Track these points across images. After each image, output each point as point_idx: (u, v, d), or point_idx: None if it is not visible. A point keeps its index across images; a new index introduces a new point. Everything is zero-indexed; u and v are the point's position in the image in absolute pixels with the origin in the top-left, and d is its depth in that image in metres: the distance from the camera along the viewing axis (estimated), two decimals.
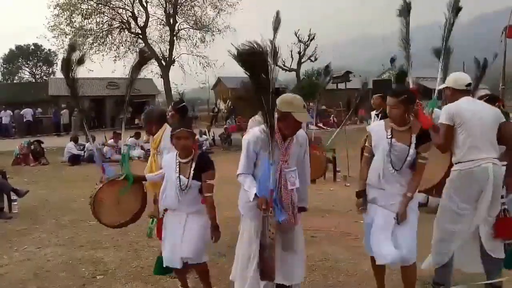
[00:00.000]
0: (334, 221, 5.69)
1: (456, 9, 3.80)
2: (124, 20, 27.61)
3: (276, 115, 2.93)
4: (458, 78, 3.64)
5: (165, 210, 3.54)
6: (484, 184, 3.30)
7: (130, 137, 14.74)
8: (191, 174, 3.35)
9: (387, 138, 3.20)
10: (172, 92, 29.37)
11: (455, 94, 3.58)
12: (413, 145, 3.14)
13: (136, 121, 22.91)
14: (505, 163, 3.48)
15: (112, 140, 14.61)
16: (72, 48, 4.11)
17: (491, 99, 3.86)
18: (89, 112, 27.22)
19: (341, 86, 28.36)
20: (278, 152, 2.99)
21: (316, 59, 36.08)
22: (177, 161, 3.40)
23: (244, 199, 3.15)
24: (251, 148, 3.03)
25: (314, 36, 35.67)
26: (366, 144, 3.43)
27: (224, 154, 14.77)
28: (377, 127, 3.37)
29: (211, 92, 42.71)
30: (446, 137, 3.45)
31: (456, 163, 3.44)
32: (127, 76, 4.18)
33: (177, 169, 3.37)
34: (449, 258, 3.53)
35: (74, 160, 13.20)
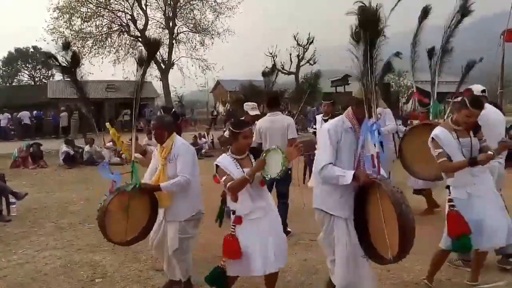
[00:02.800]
0: None
1: (461, 12, 3.83)
2: (123, 23, 27.69)
3: (352, 103, 3.21)
4: (473, 87, 4.02)
5: (236, 222, 3.26)
6: None
7: (129, 139, 14.69)
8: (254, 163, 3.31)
9: (454, 139, 3.52)
10: (171, 95, 29.43)
11: None
12: (472, 136, 3.56)
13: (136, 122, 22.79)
14: None
15: (111, 143, 14.57)
16: (65, 47, 4.10)
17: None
18: (89, 114, 27.20)
19: (340, 89, 28.40)
20: (355, 137, 3.20)
21: (315, 63, 36.16)
22: (234, 160, 3.32)
23: (333, 197, 3.22)
24: (333, 137, 3.19)
25: (313, 40, 35.78)
26: (437, 151, 3.53)
27: None
28: (442, 134, 3.55)
29: (210, 95, 42.76)
30: None
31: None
32: (136, 73, 4.06)
33: (238, 165, 3.29)
34: None
35: (70, 160, 13.16)
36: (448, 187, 3.60)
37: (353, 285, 3.23)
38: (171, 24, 28.09)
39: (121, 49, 28.09)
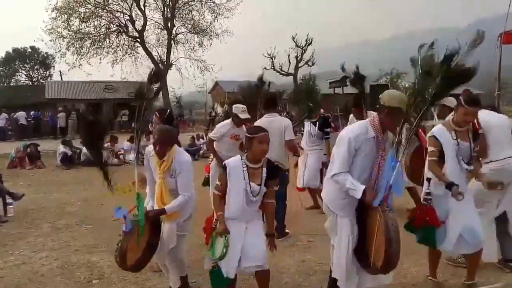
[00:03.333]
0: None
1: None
2: (121, 24, 27.71)
3: (381, 110, 3.11)
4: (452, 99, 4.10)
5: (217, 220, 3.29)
6: None
7: (126, 141, 14.69)
8: (263, 181, 3.27)
9: (453, 139, 3.56)
10: (170, 95, 29.41)
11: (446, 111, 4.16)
12: (471, 142, 3.61)
13: (133, 124, 22.81)
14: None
15: (108, 143, 14.56)
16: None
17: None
18: (87, 115, 27.13)
19: (338, 90, 28.44)
20: (376, 146, 3.14)
21: (313, 64, 36.19)
22: (245, 167, 3.24)
23: (339, 197, 3.24)
24: (352, 145, 3.11)
25: (311, 41, 35.82)
26: (433, 148, 3.61)
27: None
28: (441, 132, 3.62)
29: (209, 96, 42.74)
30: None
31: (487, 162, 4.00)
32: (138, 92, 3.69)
33: (246, 175, 3.23)
34: None
35: (68, 161, 13.14)
36: (428, 179, 3.63)
37: (354, 279, 3.24)
38: (169, 24, 28.11)
39: (120, 49, 28.18)
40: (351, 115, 6.82)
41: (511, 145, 4.11)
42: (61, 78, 35.98)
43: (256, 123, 5.67)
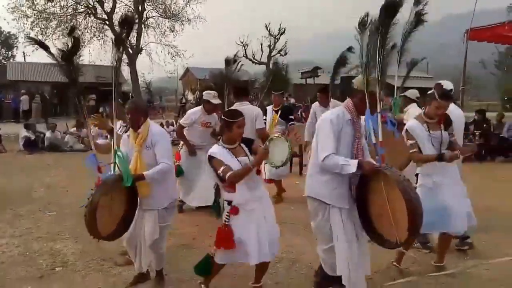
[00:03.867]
0: (300, 214, 5.75)
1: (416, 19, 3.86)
2: (89, 5, 26.74)
3: (355, 94, 3.24)
4: (444, 82, 4.08)
5: (232, 212, 3.24)
6: None
7: (94, 125, 14.31)
8: (248, 153, 3.35)
9: (425, 131, 3.76)
10: (139, 81, 28.79)
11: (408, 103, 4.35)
12: (443, 130, 3.79)
13: (101, 109, 22.28)
14: None
15: (74, 128, 14.16)
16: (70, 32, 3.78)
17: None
18: (51, 99, 26.22)
19: (310, 81, 28.63)
20: (353, 128, 3.25)
21: (286, 53, 36.23)
22: (226, 149, 3.29)
23: (330, 188, 3.25)
24: (335, 126, 3.20)
25: (284, 30, 35.80)
26: (410, 141, 3.76)
27: None
28: (415, 125, 3.80)
29: (179, 82, 42.13)
30: None
31: None
32: (113, 54, 3.70)
33: (232, 156, 3.27)
34: None
35: (30, 146, 12.71)
36: (417, 175, 3.87)
37: (355, 272, 3.26)
38: (140, 8, 27.38)
39: (87, 31, 27.20)
40: (314, 104, 6.94)
41: (461, 137, 4.39)
42: (25, 59, 34.55)
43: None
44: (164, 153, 3.57)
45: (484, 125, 11.59)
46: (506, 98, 31.74)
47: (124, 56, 27.20)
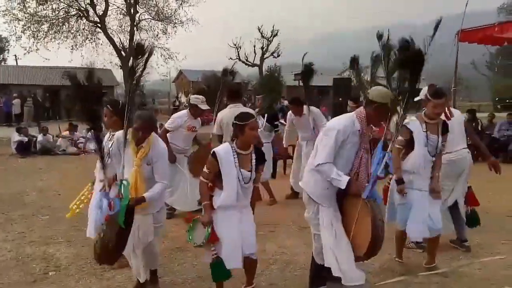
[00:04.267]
0: (293, 215, 5.78)
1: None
2: (82, 8, 26.60)
3: (369, 105, 3.24)
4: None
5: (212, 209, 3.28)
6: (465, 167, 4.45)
7: (87, 129, 14.23)
8: (253, 167, 3.31)
9: (423, 131, 3.83)
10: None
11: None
12: (440, 136, 3.88)
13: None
14: None
15: (67, 132, 14.08)
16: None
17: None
18: (44, 102, 26.06)
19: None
20: (360, 139, 3.25)
21: (279, 55, 36.32)
22: (235, 154, 3.24)
23: (321, 187, 3.29)
24: (340, 137, 3.19)
25: (277, 33, 35.90)
26: (400, 137, 3.81)
27: None
28: (415, 124, 3.86)
29: (172, 85, 42.07)
30: None
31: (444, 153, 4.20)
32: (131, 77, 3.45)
33: (236, 162, 3.23)
34: None
35: (23, 149, 12.62)
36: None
37: (345, 264, 3.26)
38: (132, 10, 27.30)
39: (79, 34, 27.05)
40: (289, 113, 6.92)
41: (462, 138, 4.51)
42: (16, 62, 34.31)
43: (220, 114, 5.63)
44: (164, 173, 3.53)
45: (473, 124, 11.74)
46: (497, 99, 32.01)
47: (117, 60, 27.21)
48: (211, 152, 3.29)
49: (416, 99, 4.60)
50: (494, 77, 43.03)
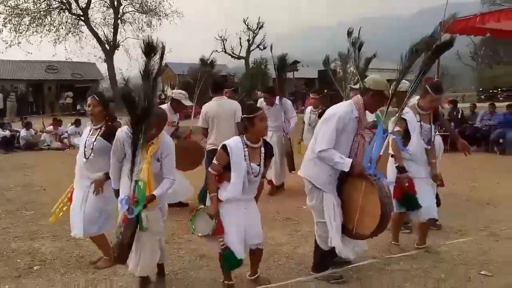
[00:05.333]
0: (277, 207, 5.83)
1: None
2: (64, 0, 26.17)
3: (366, 92, 3.42)
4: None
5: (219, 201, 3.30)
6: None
7: (71, 124, 14.12)
8: (262, 160, 3.35)
9: (417, 122, 4.03)
10: (117, 77, 28.40)
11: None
12: (432, 125, 4.13)
13: (78, 107, 21.94)
14: None
15: (51, 126, 13.93)
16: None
17: None
18: (27, 96, 25.65)
19: (289, 75, 28.74)
20: (358, 125, 3.42)
21: (265, 48, 36.21)
22: (246, 147, 3.26)
23: (326, 173, 3.44)
24: (341, 123, 3.35)
25: (263, 25, 35.78)
26: (398, 128, 3.99)
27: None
28: (410, 115, 4.03)
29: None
30: None
31: None
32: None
33: (246, 156, 3.26)
34: None
35: (6, 145, 12.47)
36: (393, 156, 4.15)
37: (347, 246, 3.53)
38: (116, 3, 26.96)
39: (62, 28, 26.64)
40: (260, 101, 6.99)
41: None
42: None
43: (206, 107, 5.63)
44: (172, 168, 3.48)
45: (455, 113, 11.97)
46: (481, 89, 32.46)
47: (101, 53, 26.87)
48: (222, 145, 3.31)
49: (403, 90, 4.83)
50: (478, 67, 43.59)
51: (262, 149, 3.37)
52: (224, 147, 3.28)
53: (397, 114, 3.76)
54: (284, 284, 3.61)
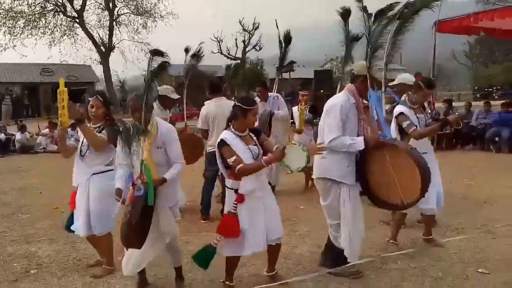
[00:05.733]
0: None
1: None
2: (58, 3, 26.11)
3: (355, 79, 3.57)
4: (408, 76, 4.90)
5: (238, 201, 3.28)
6: None
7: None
8: (256, 142, 3.42)
9: (414, 114, 4.22)
10: (113, 79, 28.37)
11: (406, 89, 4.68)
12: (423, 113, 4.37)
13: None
14: None
15: (47, 129, 13.88)
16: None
17: None
18: (22, 99, 25.55)
19: (286, 75, 28.80)
20: (357, 111, 3.54)
21: (260, 48, 36.27)
22: (238, 136, 3.34)
23: (344, 165, 3.51)
24: (344, 111, 3.47)
25: (258, 25, 35.82)
26: (407, 122, 4.15)
27: None
28: (406, 109, 4.23)
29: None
30: None
31: None
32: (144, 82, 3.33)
33: (242, 142, 3.33)
34: None
35: (2, 148, 12.46)
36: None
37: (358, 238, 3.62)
38: (111, 5, 26.93)
39: (57, 30, 26.60)
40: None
41: None
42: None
43: (205, 108, 5.57)
44: (178, 153, 3.43)
45: (450, 112, 11.99)
46: (476, 88, 32.62)
47: (97, 56, 26.81)
48: (220, 140, 3.33)
49: (392, 83, 5.09)
50: (473, 66, 43.78)
51: (250, 134, 3.45)
52: (222, 141, 3.31)
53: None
54: (285, 282, 3.61)
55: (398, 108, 4.29)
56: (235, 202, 3.29)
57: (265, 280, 3.68)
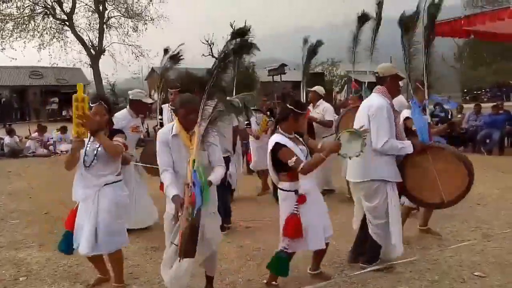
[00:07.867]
0: (269, 211, 5.76)
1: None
2: (48, 5, 25.83)
3: (383, 81, 3.69)
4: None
5: (300, 202, 3.35)
6: None
7: (57, 130, 13.90)
8: (303, 142, 3.55)
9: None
10: (103, 82, 28.11)
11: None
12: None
13: (64, 113, 21.65)
14: None
15: (36, 133, 13.70)
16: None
17: None
18: (11, 103, 25.23)
19: (277, 78, 28.79)
20: (393, 111, 3.64)
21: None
22: (287, 138, 3.40)
23: (392, 165, 3.65)
24: (390, 112, 3.56)
25: (249, 28, 35.76)
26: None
27: None
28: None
29: (145, 83, 41.41)
30: None
31: None
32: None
33: (295, 144, 3.39)
34: None
35: None
36: None
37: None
38: (101, 8, 26.69)
39: (46, 33, 26.25)
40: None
41: None
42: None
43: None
44: (220, 155, 3.28)
45: (443, 115, 12.06)
46: (465, 90, 32.92)
47: (87, 58, 26.57)
48: (275, 144, 3.34)
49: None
50: (462, 68, 44.20)
51: (297, 135, 3.51)
52: (279, 144, 3.34)
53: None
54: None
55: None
56: (297, 203, 3.33)
57: (259, 286, 3.62)
